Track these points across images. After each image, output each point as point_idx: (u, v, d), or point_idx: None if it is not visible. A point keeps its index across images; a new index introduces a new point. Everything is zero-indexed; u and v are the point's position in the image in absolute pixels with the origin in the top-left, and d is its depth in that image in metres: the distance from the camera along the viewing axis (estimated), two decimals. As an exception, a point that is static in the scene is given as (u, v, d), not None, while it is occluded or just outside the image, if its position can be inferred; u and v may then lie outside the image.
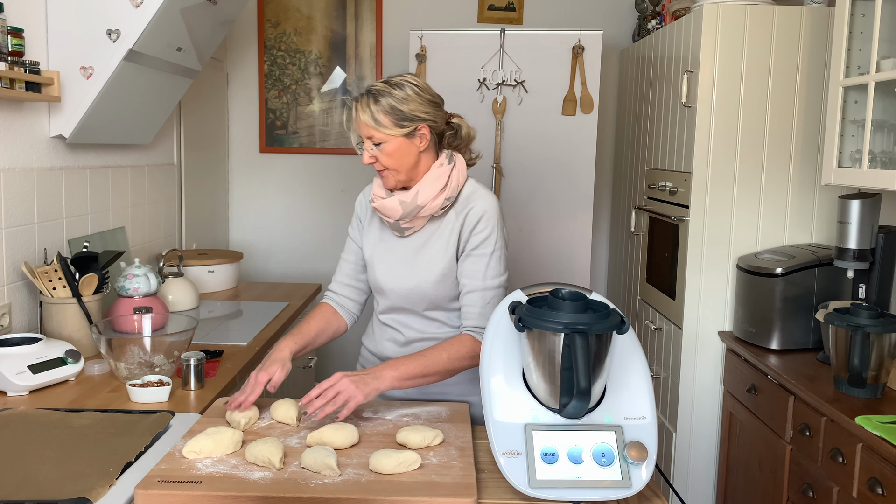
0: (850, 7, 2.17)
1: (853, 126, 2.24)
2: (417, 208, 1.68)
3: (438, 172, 1.69)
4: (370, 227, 1.83)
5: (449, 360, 1.61)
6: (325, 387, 1.49)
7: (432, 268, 1.71)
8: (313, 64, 3.81)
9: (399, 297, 1.76)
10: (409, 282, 1.73)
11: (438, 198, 1.68)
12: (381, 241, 1.80)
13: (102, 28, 2.18)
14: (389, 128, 1.63)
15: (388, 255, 1.77)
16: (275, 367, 1.59)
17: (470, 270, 1.69)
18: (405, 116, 1.63)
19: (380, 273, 1.78)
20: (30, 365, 1.78)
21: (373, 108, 1.63)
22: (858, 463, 1.79)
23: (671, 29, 2.88)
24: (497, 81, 3.14)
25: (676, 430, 2.76)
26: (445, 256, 1.70)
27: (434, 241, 1.72)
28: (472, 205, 1.69)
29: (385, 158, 1.66)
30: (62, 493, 1.22)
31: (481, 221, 1.68)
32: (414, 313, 1.78)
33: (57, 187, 2.29)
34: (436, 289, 1.72)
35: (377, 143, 1.65)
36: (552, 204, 3.20)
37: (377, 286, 1.80)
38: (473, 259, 1.68)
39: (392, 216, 1.70)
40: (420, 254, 1.73)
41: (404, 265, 1.75)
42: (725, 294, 2.68)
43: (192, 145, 3.36)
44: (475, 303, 1.68)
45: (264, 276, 3.96)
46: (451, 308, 1.76)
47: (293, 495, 1.20)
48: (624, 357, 1.35)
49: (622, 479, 1.24)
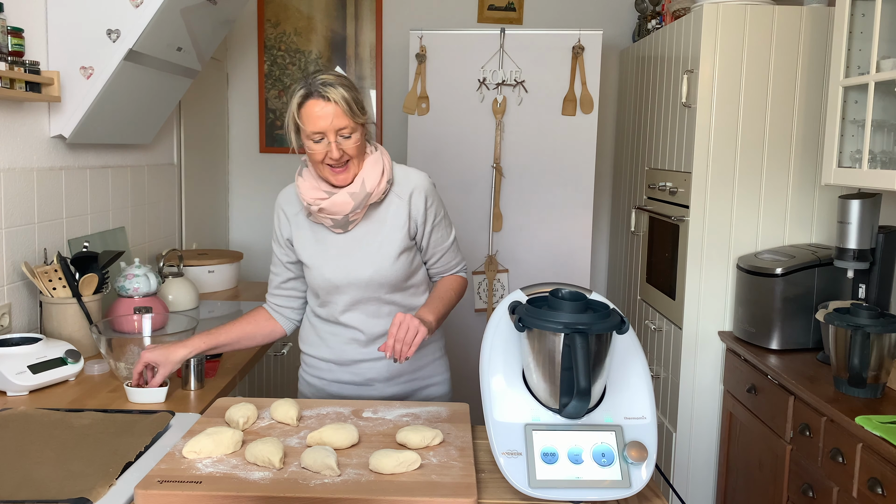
0: (850, 7, 2.17)
1: (853, 126, 2.24)
2: (367, 196, 1.70)
3: (374, 158, 1.73)
4: (298, 233, 1.80)
5: (456, 296, 1.84)
6: (395, 331, 1.57)
7: (388, 249, 1.74)
8: (313, 64, 3.81)
9: (358, 288, 1.76)
10: (366, 271, 1.74)
11: (381, 182, 1.72)
12: (318, 242, 1.78)
13: (102, 28, 2.18)
14: (359, 117, 1.65)
15: (330, 254, 1.77)
16: (162, 369, 1.72)
17: (438, 238, 1.83)
18: (362, 107, 1.67)
19: (329, 272, 1.76)
20: (30, 365, 1.78)
21: (346, 94, 1.62)
22: (858, 463, 1.79)
23: (671, 29, 2.88)
24: (497, 81, 3.14)
25: (676, 430, 2.76)
26: (399, 235, 1.75)
27: (381, 226, 1.75)
28: (413, 185, 1.77)
29: (352, 150, 1.66)
30: (62, 493, 1.22)
31: (428, 197, 1.78)
32: (374, 300, 1.78)
33: (57, 187, 2.29)
34: (395, 270, 1.75)
35: (346, 134, 1.64)
36: (552, 204, 3.20)
37: (330, 285, 1.77)
38: (436, 229, 1.82)
39: (342, 211, 1.70)
40: (369, 241, 1.75)
41: (352, 258, 1.75)
42: (725, 294, 2.68)
43: (192, 145, 3.36)
44: (451, 258, 1.88)
45: (264, 276, 3.95)
46: (405, 287, 1.81)
47: (293, 495, 1.20)
48: (624, 357, 1.35)
49: (622, 479, 1.24)
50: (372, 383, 1.84)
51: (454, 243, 1.88)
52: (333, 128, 1.62)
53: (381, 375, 1.83)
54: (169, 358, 1.71)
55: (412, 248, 1.79)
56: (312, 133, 1.63)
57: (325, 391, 1.88)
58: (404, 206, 1.76)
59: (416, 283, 1.84)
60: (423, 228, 1.79)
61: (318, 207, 1.70)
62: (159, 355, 1.71)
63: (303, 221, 1.80)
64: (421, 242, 1.81)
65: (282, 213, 1.83)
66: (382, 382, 1.84)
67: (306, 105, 1.62)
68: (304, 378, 1.92)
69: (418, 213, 1.77)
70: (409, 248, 1.77)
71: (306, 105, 1.62)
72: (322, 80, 1.62)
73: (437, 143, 3.19)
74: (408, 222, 1.76)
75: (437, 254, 1.85)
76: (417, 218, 1.77)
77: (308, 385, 1.91)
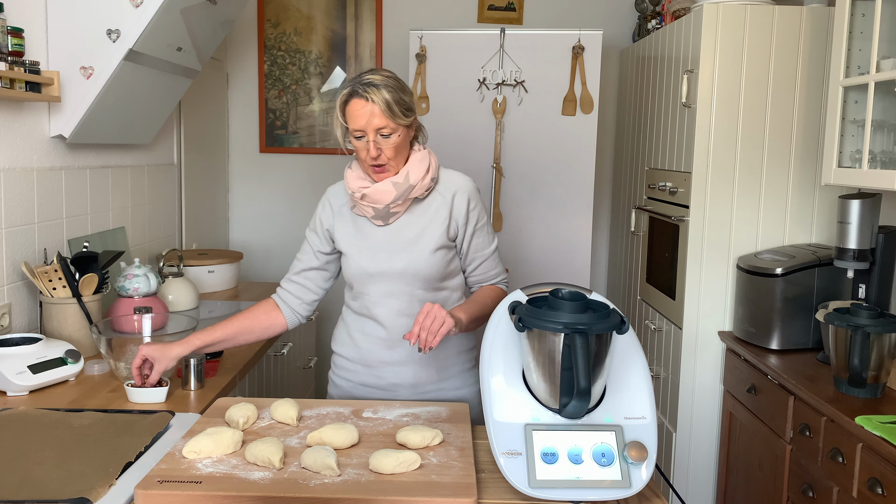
0: (850, 7, 2.17)
1: (853, 126, 2.23)
2: (410, 188, 1.72)
3: (420, 156, 1.76)
4: (341, 224, 1.83)
5: (493, 304, 1.78)
6: (421, 319, 1.57)
7: (425, 242, 1.75)
8: (313, 64, 3.81)
9: (391, 279, 1.77)
10: (401, 262, 1.75)
11: (426, 178, 1.74)
12: (358, 232, 1.81)
13: (102, 28, 2.18)
14: (402, 118, 1.68)
15: (367, 243, 1.79)
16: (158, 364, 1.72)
17: (479, 244, 1.83)
18: (408, 107, 1.70)
19: (364, 260, 1.78)
20: (30, 365, 1.78)
21: (388, 99, 1.65)
22: (858, 463, 1.79)
23: (671, 29, 2.88)
24: (497, 81, 3.14)
25: (676, 430, 2.76)
26: (438, 232, 1.76)
27: (421, 222, 1.77)
28: (456, 186, 1.79)
29: (390, 150, 1.69)
30: (62, 493, 1.22)
31: (471, 200, 1.79)
32: (406, 295, 1.78)
33: (57, 187, 2.29)
34: (429, 263, 1.76)
35: (386, 134, 1.67)
36: (552, 204, 3.20)
37: (364, 273, 1.79)
38: (478, 233, 1.82)
39: (384, 200, 1.72)
40: (407, 234, 1.77)
41: (390, 250, 1.77)
42: (725, 294, 2.68)
43: (192, 145, 3.36)
44: (491, 266, 1.87)
45: (264, 276, 3.96)
46: (438, 287, 1.81)
47: (293, 495, 1.20)
48: (624, 357, 1.35)
49: (622, 479, 1.24)
50: (397, 389, 1.82)
51: (495, 253, 1.87)
52: (373, 127, 1.66)
53: (406, 381, 1.82)
54: (165, 353, 1.72)
55: (450, 247, 1.80)
56: (354, 131, 1.69)
57: (351, 394, 1.88)
58: (446, 205, 1.77)
59: (450, 285, 1.83)
60: (463, 230, 1.79)
61: (361, 194, 1.73)
62: (156, 350, 1.72)
63: (347, 213, 1.83)
64: (461, 246, 1.81)
65: (328, 204, 1.86)
66: (407, 389, 1.82)
67: (350, 104, 1.68)
68: (332, 380, 1.94)
69: (460, 214, 1.78)
70: (446, 247, 1.78)
71: (350, 104, 1.68)
72: (366, 81, 1.67)
73: (436, 143, 3.18)
74: (448, 220, 1.77)
75: (477, 260, 1.84)
76: (459, 218, 1.78)
77: (336, 387, 1.92)
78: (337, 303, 3.87)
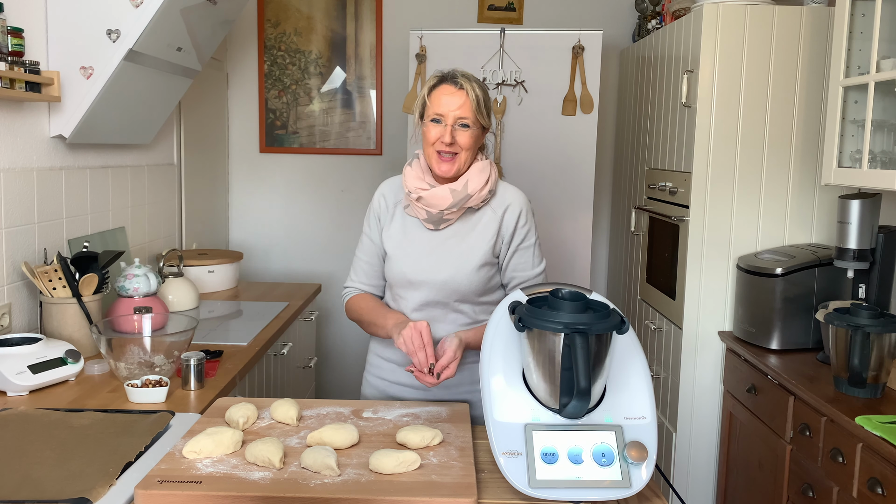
0: (850, 7, 2.17)
1: (853, 126, 2.24)
2: (466, 197, 1.72)
3: (482, 165, 1.76)
4: (391, 223, 1.83)
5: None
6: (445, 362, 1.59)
7: (470, 257, 1.74)
8: (313, 64, 3.81)
9: (431, 289, 1.76)
10: (443, 273, 1.74)
11: (484, 189, 1.74)
12: (406, 235, 1.80)
13: (102, 28, 2.18)
14: (484, 117, 1.71)
15: (414, 249, 1.78)
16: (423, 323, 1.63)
17: (520, 263, 1.79)
18: (490, 112, 1.74)
19: (408, 266, 1.77)
20: (30, 365, 1.78)
21: (478, 93, 1.69)
22: (858, 463, 1.79)
23: (671, 29, 2.88)
24: (497, 81, 3.14)
25: (676, 430, 2.76)
26: (484, 247, 1.75)
27: (470, 233, 1.76)
28: (509, 201, 1.78)
29: (464, 142, 1.70)
30: (62, 493, 1.22)
31: (521, 217, 1.78)
32: (443, 306, 1.77)
33: (57, 187, 2.29)
34: (471, 279, 1.75)
35: (466, 124, 1.69)
36: (552, 204, 3.20)
37: (405, 280, 1.78)
38: (521, 252, 1.79)
39: (440, 205, 1.72)
40: (454, 245, 1.76)
41: (435, 257, 1.76)
42: (725, 294, 2.68)
43: (192, 145, 3.36)
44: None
45: (264, 276, 3.96)
46: (477, 302, 1.79)
47: (293, 495, 1.20)
48: (624, 357, 1.35)
49: (622, 479, 1.24)
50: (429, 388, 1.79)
51: (539, 277, 1.80)
52: (455, 115, 1.68)
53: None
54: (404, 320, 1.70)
55: (494, 264, 1.78)
56: (435, 113, 1.69)
57: (386, 393, 1.88)
58: (496, 220, 1.76)
59: (489, 300, 1.81)
60: (507, 246, 1.77)
61: (418, 196, 1.73)
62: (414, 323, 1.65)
63: (398, 213, 1.82)
64: (502, 262, 1.79)
65: (382, 199, 1.85)
66: (440, 388, 1.80)
67: (440, 87, 1.71)
68: (367, 380, 1.94)
69: (507, 230, 1.76)
70: (490, 263, 1.77)
71: (440, 87, 1.71)
72: (462, 72, 1.72)
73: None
74: (495, 237, 1.76)
75: (516, 280, 1.80)
76: (505, 234, 1.77)
77: (370, 386, 1.92)
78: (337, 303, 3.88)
